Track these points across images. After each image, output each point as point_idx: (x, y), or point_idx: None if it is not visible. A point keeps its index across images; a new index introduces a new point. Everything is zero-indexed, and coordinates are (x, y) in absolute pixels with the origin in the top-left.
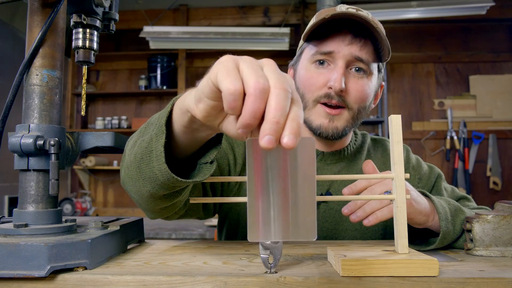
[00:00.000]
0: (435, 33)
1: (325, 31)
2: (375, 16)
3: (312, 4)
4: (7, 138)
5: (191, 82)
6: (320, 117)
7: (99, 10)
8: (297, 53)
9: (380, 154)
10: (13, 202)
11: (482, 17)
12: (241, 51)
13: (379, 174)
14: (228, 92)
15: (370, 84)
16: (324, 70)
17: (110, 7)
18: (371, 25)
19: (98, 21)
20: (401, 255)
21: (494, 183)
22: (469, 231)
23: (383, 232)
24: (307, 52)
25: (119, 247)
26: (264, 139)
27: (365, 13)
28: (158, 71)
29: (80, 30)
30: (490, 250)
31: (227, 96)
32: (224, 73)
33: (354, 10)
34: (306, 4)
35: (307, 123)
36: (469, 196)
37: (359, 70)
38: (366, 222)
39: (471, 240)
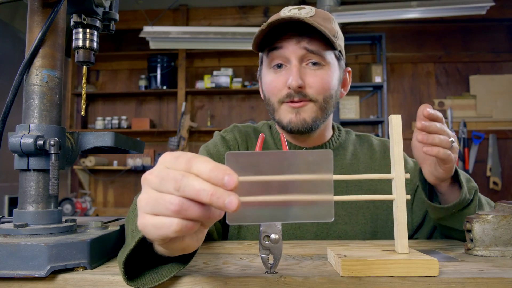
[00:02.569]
0: (435, 33)
1: (273, 38)
2: (376, 16)
3: (312, 4)
4: (7, 138)
5: (191, 82)
6: (287, 113)
7: (99, 10)
8: (259, 64)
9: (366, 149)
10: (13, 202)
11: (482, 17)
12: (241, 51)
13: (379, 174)
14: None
15: (329, 73)
16: (282, 72)
17: (110, 7)
18: (307, 23)
19: (98, 21)
20: (401, 255)
21: (494, 183)
22: (469, 231)
23: (373, 224)
24: (265, 61)
25: (119, 247)
26: (230, 207)
27: (307, 9)
28: (158, 71)
29: (80, 30)
30: (490, 250)
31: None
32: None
33: (296, 10)
34: (306, 4)
35: (278, 123)
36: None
37: (314, 63)
38: (425, 150)
39: (471, 240)
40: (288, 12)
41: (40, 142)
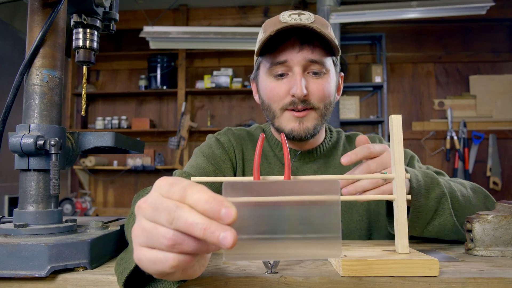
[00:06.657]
0: (435, 33)
1: (275, 43)
2: (376, 16)
3: (312, 4)
4: (7, 138)
5: (191, 82)
6: (289, 122)
7: (99, 10)
8: (255, 67)
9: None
10: (13, 202)
11: (482, 17)
12: (241, 51)
13: (379, 175)
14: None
15: (329, 80)
16: (284, 80)
17: (110, 7)
18: (315, 30)
19: (98, 21)
20: (401, 255)
21: (494, 183)
22: (470, 231)
23: (368, 221)
24: (264, 66)
25: (119, 247)
26: (225, 243)
27: (306, 15)
28: (158, 71)
29: (81, 30)
30: (491, 250)
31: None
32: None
33: (296, 16)
34: (306, 4)
35: (279, 129)
36: (443, 172)
37: (316, 72)
38: (358, 198)
39: (472, 240)
40: (288, 17)
41: (41, 142)
